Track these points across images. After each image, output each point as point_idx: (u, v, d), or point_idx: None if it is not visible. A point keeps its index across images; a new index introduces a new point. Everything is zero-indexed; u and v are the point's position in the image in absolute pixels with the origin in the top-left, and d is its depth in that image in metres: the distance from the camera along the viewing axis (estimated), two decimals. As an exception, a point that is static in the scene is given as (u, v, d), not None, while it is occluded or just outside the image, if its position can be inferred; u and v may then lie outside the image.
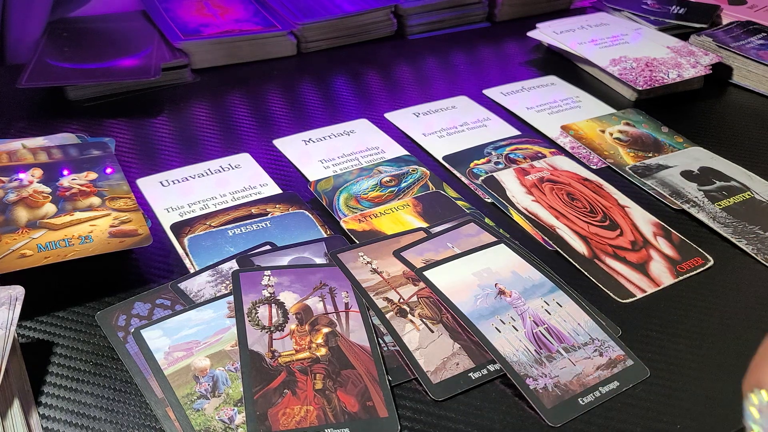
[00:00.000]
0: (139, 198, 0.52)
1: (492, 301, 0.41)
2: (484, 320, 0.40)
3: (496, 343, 0.39)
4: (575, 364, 0.38)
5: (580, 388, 0.37)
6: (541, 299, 0.42)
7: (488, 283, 0.42)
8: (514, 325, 0.40)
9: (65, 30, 0.73)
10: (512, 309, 0.41)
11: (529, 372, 0.38)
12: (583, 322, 0.41)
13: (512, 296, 0.42)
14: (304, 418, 0.35)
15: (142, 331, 0.40)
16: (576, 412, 0.37)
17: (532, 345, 0.39)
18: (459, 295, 0.42)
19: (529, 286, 0.43)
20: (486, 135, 0.62)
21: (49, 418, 0.36)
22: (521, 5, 0.88)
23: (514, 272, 0.43)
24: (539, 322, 0.40)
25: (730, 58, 0.73)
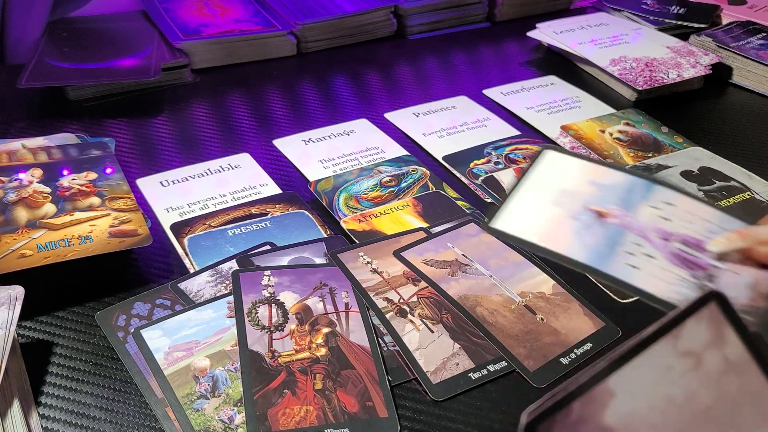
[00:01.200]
0: (139, 198, 0.52)
1: (599, 231, 0.32)
2: (610, 261, 0.31)
3: (646, 286, 0.30)
4: (739, 273, 0.30)
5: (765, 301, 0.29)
6: (647, 205, 0.33)
7: (578, 209, 0.33)
8: (645, 252, 0.31)
9: (65, 30, 0.73)
10: (628, 232, 0.32)
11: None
12: (708, 215, 0.32)
13: (615, 214, 0.33)
14: (303, 418, 0.35)
15: (142, 331, 0.40)
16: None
17: (683, 269, 0.31)
18: (558, 239, 0.32)
19: (622, 194, 0.33)
20: (486, 135, 0.62)
21: (49, 418, 0.36)
22: (521, 5, 0.88)
23: (593, 183, 0.34)
24: (668, 236, 0.32)
25: (730, 58, 0.73)
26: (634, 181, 0.34)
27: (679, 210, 0.33)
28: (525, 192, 0.35)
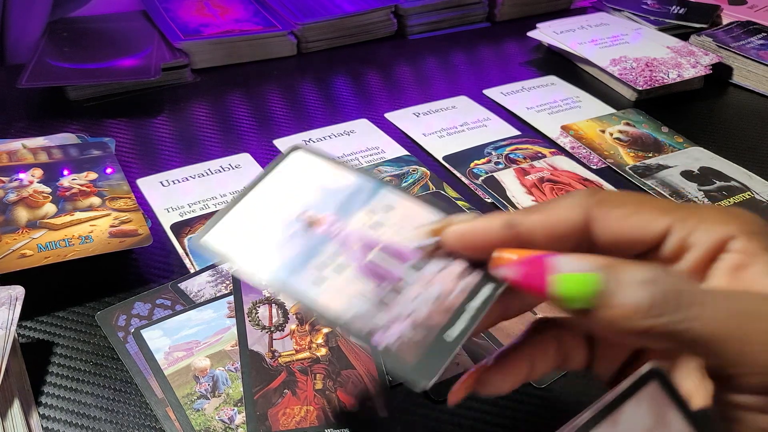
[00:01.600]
0: (139, 198, 0.52)
1: (301, 242, 0.29)
2: (297, 275, 0.28)
3: (321, 301, 0.28)
4: (430, 286, 0.28)
5: (443, 318, 0.27)
6: (363, 210, 0.30)
7: (292, 217, 0.30)
8: (338, 263, 0.29)
9: (65, 30, 0.73)
10: (329, 242, 0.29)
11: (377, 322, 0.27)
12: (423, 220, 0.29)
13: (327, 221, 0.30)
14: (304, 419, 0.35)
15: (143, 331, 0.40)
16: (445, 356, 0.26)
17: (369, 282, 0.28)
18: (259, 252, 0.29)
19: (344, 198, 0.30)
20: (486, 135, 0.62)
21: (49, 418, 0.36)
22: (521, 5, 0.88)
23: (321, 188, 0.31)
24: (370, 245, 0.29)
25: (730, 58, 0.73)
26: (363, 185, 0.31)
27: (396, 215, 0.30)
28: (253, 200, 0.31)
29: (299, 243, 0.29)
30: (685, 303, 0.21)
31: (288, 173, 0.31)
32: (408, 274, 0.28)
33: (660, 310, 0.21)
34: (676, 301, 0.21)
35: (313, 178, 0.31)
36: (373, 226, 0.29)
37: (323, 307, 0.27)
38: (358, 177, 0.31)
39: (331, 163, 0.31)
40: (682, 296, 0.21)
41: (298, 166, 0.32)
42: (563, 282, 0.22)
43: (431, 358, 0.26)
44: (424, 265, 0.28)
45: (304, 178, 0.31)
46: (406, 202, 0.30)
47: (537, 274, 0.23)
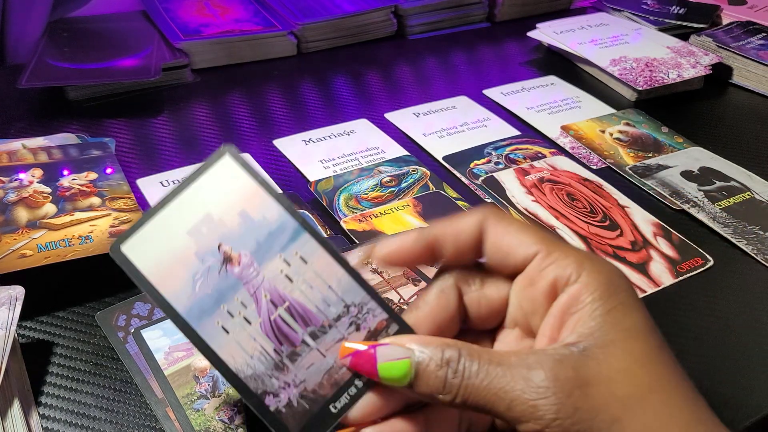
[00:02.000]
0: (140, 198, 0.52)
1: (216, 281, 0.29)
2: (207, 318, 0.28)
3: (225, 354, 0.28)
4: (326, 355, 0.29)
5: (331, 390, 0.28)
6: (281, 257, 0.29)
7: (210, 246, 0.29)
8: (245, 316, 0.29)
9: (65, 30, 0.73)
10: (242, 287, 0.29)
11: (268, 386, 0.28)
12: (335, 282, 0.29)
13: (241, 263, 0.29)
14: (304, 419, 0.35)
15: (143, 331, 0.40)
16: (326, 427, 0.28)
17: (270, 342, 0.29)
18: (170, 280, 0.29)
19: (263, 237, 0.29)
20: (486, 135, 0.62)
21: (49, 418, 0.36)
22: (521, 5, 0.88)
23: (243, 215, 0.29)
24: (278, 301, 0.29)
25: (730, 59, 0.73)
26: (286, 223, 0.29)
27: (310, 269, 0.29)
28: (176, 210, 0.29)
29: (213, 281, 0.29)
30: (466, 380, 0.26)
31: (214, 184, 0.30)
32: (308, 340, 0.29)
33: (452, 388, 0.26)
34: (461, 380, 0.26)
35: (238, 199, 0.29)
36: (286, 279, 0.29)
37: (225, 361, 0.28)
38: (280, 212, 0.30)
39: (256, 185, 0.30)
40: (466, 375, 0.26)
41: (225, 176, 0.30)
42: (385, 369, 0.27)
43: (314, 427, 0.28)
44: (324, 333, 0.29)
45: (225, 195, 0.30)
46: (322, 257, 0.29)
47: (368, 362, 0.28)
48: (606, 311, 0.27)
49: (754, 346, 0.41)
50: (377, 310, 0.29)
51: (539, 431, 0.25)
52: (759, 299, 0.45)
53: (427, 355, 0.27)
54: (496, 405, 0.26)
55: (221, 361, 0.28)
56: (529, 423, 0.25)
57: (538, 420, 0.25)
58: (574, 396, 0.25)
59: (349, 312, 0.29)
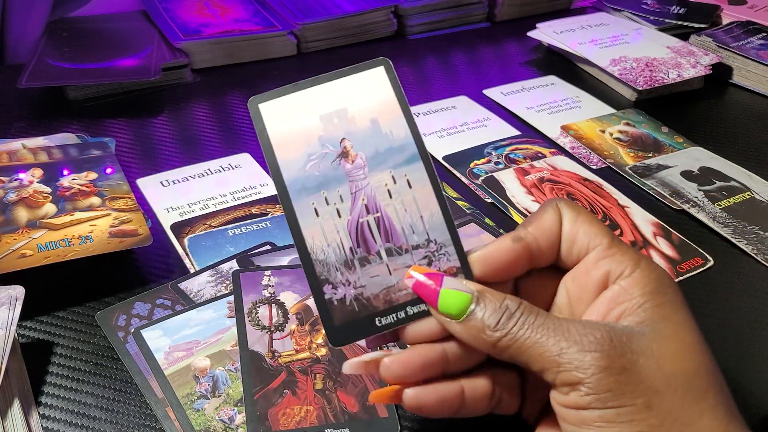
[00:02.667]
0: (139, 198, 0.52)
1: (326, 167, 0.31)
2: (305, 196, 0.31)
3: (307, 232, 0.30)
4: (391, 273, 0.30)
5: (383, 305, 0.30)
6: (391, 172, 0.31)
7: (333, 136, 0.31)
8: (338, 209, 0.31)
9: (65, 30, 0.73)
10: (346, 183, 0.31)
11: (332, 276, 0.30)
12: (428, 215, 0.31)
13: (355, 162, 0.31)
14: (304, 419, 0.35)
15: (143, 331, 0.40)
16: (365, 334, 0.30)
17: (349, 241, 0.31)
18: (288, 149, 0.31)
19: (384, 148, 0.31)
20: (486, 135, 0.62)
21: (49, 418, 0.36)
22: (521, 5, 0.88)
23: (374, 122, 0.32)
24: (372, 209, 0.31)
25: (730, 58, 0.73)
26: (408, 145, 0.32)
27: (411, 194, 0.31)
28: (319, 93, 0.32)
29: (324, 166, 0.31)
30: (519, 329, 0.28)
31: (359, 85, 0.32)
32: (382, 253, 0.31)
33: (502, 328, 0.28)
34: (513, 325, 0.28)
35: (374, 105, 0.32)
36: (387, 193, 0.31)
37: (305, 237, 0.31)
38: (407, 134, 0.32)
39: (397, 102, 0.32)
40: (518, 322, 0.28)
41: (372, 82, 0.32)
42: (446, 297, 0.29)
43: (353, 329, 0.30)
44: (399, 254, 0.31)
45: (367, 99, 0.32)
46: (426, 188, 0.31)
47: (430, 286, 0.29)
48: (656, 305, 0.28)
49: (754, 346, 0.41)
50: (453, 255, 0.31)
51: (577, 384, 0.26)
52: (759, 299, 0.45)
53: (488, 297, 0.29)
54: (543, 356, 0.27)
55: (301, 237, 0.31)
56: (573, 372, 0.26)
57: (585, 370, 0.26)
58: (625, 359, 0.26)
59: (429, 246, 0.31)
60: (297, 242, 0.31)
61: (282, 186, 0.31)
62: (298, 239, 0.31)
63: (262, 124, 0.31)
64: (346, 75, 0.32)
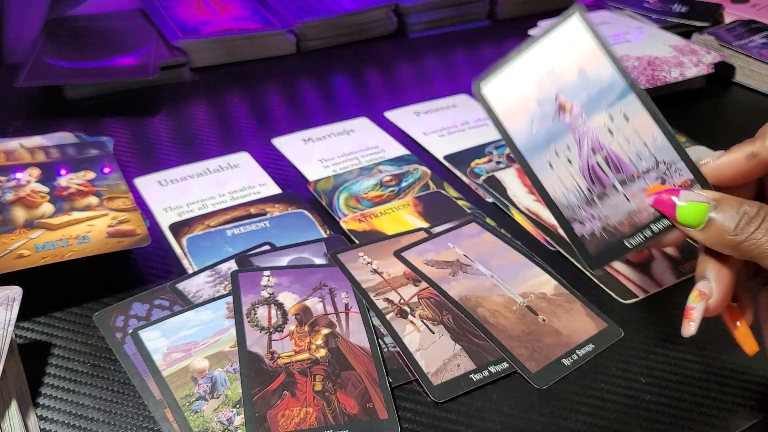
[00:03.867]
0: (138, 198, 0.51)
1: (549, 124, 0.35)
2: (538, 155, 0.35)
3: (548, 184, 0.35)
4: (630, 200, 0.34)
5: (629, 229, 0.34)
6: (606, 112, 0.34)
7: (548, 95, 0.35)
8: (569, 157, 0.35)
9: (63, 29, 0.73)
10: (569, 133, 0.35)
11: (578, 215, 0.35)
12: (650, 140, 0.34)
13: (573, 112, 0.35)
14: (303, 420, 0.35)
15: (141, 332, 0.39)
16: (619, 256, 0.34)
17: (585, 181, 0.35)
18: (513, 119, 0.36)
19: (595, 92, 0.35)
20: (487, 134, 0.62)
21: (47, 419, 0.36)
22: (522, 3, 0.88)
23: (581, 71, 0.35)
24: (597, 148, 0.35)
25: (733, 57, 0.73)
26: (616, 82, 0.34)
27: (630, 127, 0.34)
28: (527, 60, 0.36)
29: (547, 124, 0.35)
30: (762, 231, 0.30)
31: (560, 40, 0.36)
32: (617, 184, 0.34)
33: (743, 231, 0.30)
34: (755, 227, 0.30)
35: (576, 55, 0.35)
36: (608, 131, 0.34)
37: (547, 189, 0.35)
38: (614, 72, 0.34)
39: (597, 46, 0.35)
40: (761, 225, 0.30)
41: (571, 34, 0.36)
42: (684, 208, 0.32)
43: (607, 253, 0.34)
44: (632, 181, 0.34)
45: (569, 52, 0.35)
46: (644, 116, 0.34)
47: (669, 200, 0.33)
48: None
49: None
50: (684, 170, 0.33)
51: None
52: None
53: (725, 204, 0.31)
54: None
55: (544, 189, 0.35)
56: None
57: None
58: None
59: (659, 167, 0.34)
60: (542, 195, 0.35)
61: (517, 152, 0.36)
62: (542, 192, 0.35)
63: (487, 104, 0.37)
64: (547, 35, 0.36)
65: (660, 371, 0.39)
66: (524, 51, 0.36)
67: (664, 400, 0.38)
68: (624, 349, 0.40)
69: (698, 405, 0.37)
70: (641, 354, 0.40)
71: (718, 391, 0.38)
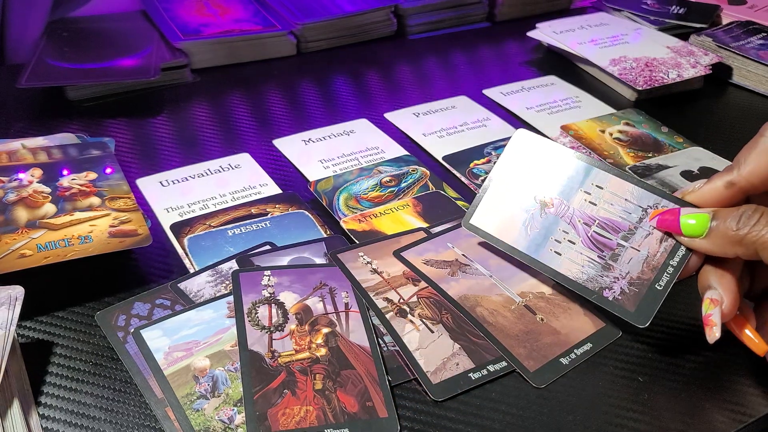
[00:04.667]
0: (139, 198, 0.52)
1: (539, 222, 0.40)
2: (542, 249, 0.39)
3: (562, 269, 0.39)
4: (639, 249, 0.38)
5: (652, 274, 0.37)
6: (581, 191, 0.39)
7: (529, 200, 0.40)
8: (569, 239, 0.39)
9: (65, 30, 0.73)
10: (560, 220, 0.39)
11: (603, 283, 0.38)
12: (629, 195, 0.38)
13: (554, 204, 0.39)
14: (303, 419, 0.35)
15: (142, 331, 0.40)
16: (658, 301, 0.37)
17: (594, 251, 0.38)
18: (509, 233, 0.40)
19: (564, 181, 0.40)
20: (486, 135, 0.62)
21: (49, 418, 0.36)
22: (521, 5, 0.88)
23: (546, 170, 0.41)
24: (590, 221, 0.39)
25: (730, 58, 0.73)
26: (578, 166, 0.40)
27: (606, 192, 0.39)
28: (497, 184, 0.41)
29: (538, 223, 0.39)
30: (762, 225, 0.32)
31: (517, 156, 0.41)
32: (622, 242, 0.38)
33: (744, 226, 0.33)
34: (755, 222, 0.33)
35: (536, 160, 0.40)
36: (591, 204, 0.39)
37: (564, 276, 0.38)
38: (572, 158, 0.40)
39: (547, 144, 0.41)
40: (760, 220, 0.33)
41: (523, 147, 0.41)
42: (687, 219, 0.35)
43: (647, 304, 0.37)
44: (633, 234, 0.38)
45: (528, 161, 0.41)
46: (612, 180, 0.39)
47: (673, 217, 0.36)
48: None
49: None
50: (670, 205, 0.37)
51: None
52: (759, 299, 0.45)
53: (723, 211, 0.34)
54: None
55: (562, 276, 0.38)
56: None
57: None
58: None
59: (647, 212, 0.38)
60: (563, 281, 0.38)
61: (525, 256, 0.40)
62: (562, 279, 0.38)
63: (481, 231, 0.42)
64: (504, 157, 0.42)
65: (657, 370, 0.39)
66: (492, 178, 0.42)
67: (661, 399, 0.38)
68: (621, 348, 0.41)
69: (698, 398, 0.38)
70: (639, 353, 0.40)
71: (717, 389, 0.38)
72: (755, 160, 0.34)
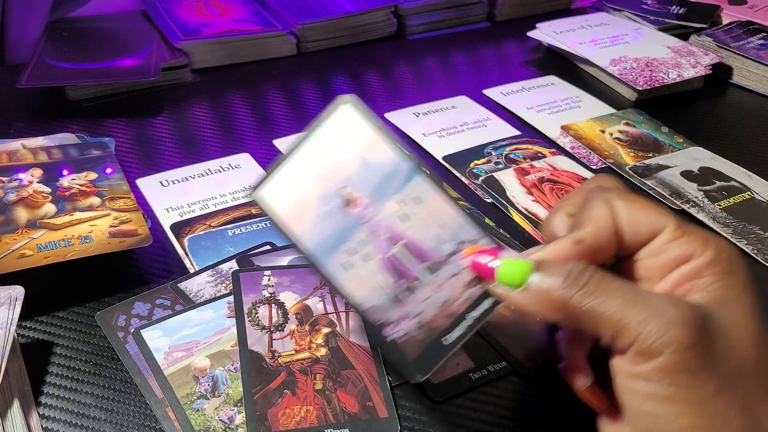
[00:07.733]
0: (139, 198, 0.52)
1: (337, 220, 0.31)
2: (330, 256, 0.31)
3: (347, 287, 0.31)
4: (441, 289, 0.30)
5: (444, 322, 0.30)
6: (396, 197, 0.31)
7: (332, 189, 0.32)
8: (366, 253, 0.31)
9: (65, 30, 0.73)
10: (362, 227, 0.31)
11: (389, 317, 0.30)
12: (448, 219, 0.31)
13: (361, 203, 0.31)
14: (304, 419, 0.35)
15: (142, 331, 0.40)
16: (441, 357, 0.30)
17: (389, 277, 0.31)
18: (300, 221, 0.32)
19: (380, 178, 0.31)
20: (486, 135, 0.62)
21: (49, 418, 0.36)
22: (521, 5, 0.88)
23: (362, 159, 0.32)
24: (395, 238, 0.31)
25: (730, 58, 0.73)
26: (400, 166, 0.31)
27: (424, 210, 0.31)
28: (303, 156, 0.32)
29: (335, 221, 0.31)
30: (590, 288, 0.27)
31: (334, 130, 0.32)
32: (423, 275, 0.30)
33: (570, 287, 0.27)
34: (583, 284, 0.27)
35: (356, 144, 0.32)
36: (402, 218, 0.31)
37: (348, 292, 0.31)
38: (396, 155, 0.32)
39: (372, 131, 0.32)
40: (589, 282, 0.27)
41: (344, 121, 0.32)
42: (505, 265, 0.29)
43: (429, 357, 0.29)
44: (439, 268, 0.30)
45: (347, 142, 0.32)
46: (435, 197, 0.31)
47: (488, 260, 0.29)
48: (726, 285, 0.28)
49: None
50: (491, 245, 0.30)
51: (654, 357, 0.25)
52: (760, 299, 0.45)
53: (549, 263, 0.28)
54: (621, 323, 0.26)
55: (346, 293, 0.31)
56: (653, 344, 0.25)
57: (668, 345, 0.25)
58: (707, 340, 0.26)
59: (462, 248, 0.30)
60: (347, 300, 0.31)
61: (309, 255, 0.31)
62: (344, 296, 0.31)
63: (269, 208, 0.32)
64: (319, 126, 0.33)
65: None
66: (298, 147, 0.33)
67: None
68: (622, 348, 0.41)
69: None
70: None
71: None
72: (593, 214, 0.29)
